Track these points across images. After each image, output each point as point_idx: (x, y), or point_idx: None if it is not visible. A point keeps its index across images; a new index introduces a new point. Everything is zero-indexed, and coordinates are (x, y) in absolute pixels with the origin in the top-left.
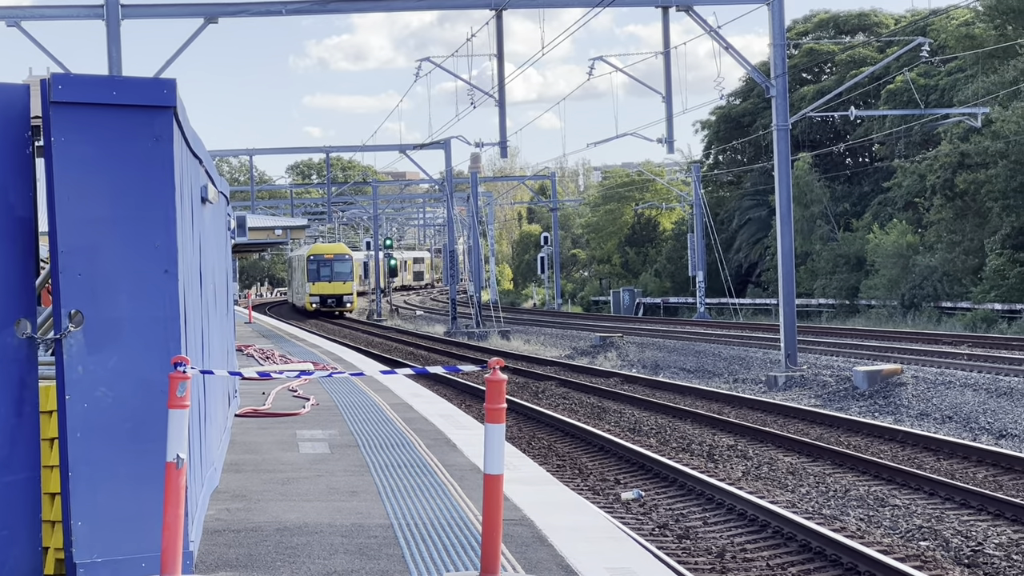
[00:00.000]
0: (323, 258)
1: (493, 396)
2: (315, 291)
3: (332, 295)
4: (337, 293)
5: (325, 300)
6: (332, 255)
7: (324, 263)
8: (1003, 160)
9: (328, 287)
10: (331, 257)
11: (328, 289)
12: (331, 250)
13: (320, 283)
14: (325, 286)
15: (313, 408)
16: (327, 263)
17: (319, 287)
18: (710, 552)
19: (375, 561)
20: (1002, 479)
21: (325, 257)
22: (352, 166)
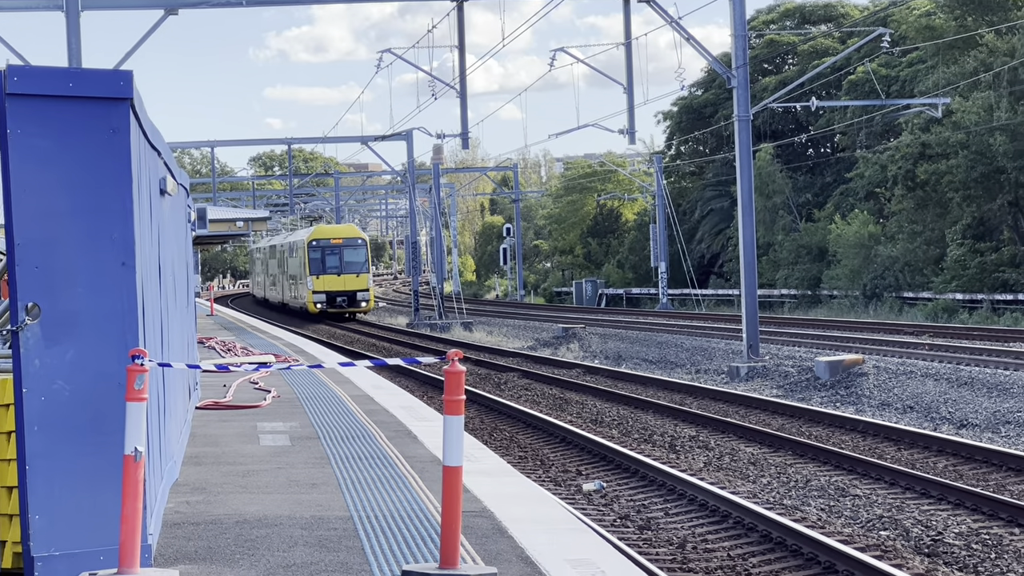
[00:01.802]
0: (330, 244)
1: (452, 388)
2: (320, 287)
3: (343, 292)
4: (349, 289)
5: (333, 299)
6: (341, 239)
7: (331, 250)
8: (963, 151)
9: (337, 282)
10: (340, 242)
11: (337, 284)
12: (340, 233)
13: (327, 277)
14: (333, 280)
15: (274, 400)
16: (335, 250)
17: (325, 282)
18: (671, 543)
19: (334, 553)
20: (962, 469)
21: (332, 243)
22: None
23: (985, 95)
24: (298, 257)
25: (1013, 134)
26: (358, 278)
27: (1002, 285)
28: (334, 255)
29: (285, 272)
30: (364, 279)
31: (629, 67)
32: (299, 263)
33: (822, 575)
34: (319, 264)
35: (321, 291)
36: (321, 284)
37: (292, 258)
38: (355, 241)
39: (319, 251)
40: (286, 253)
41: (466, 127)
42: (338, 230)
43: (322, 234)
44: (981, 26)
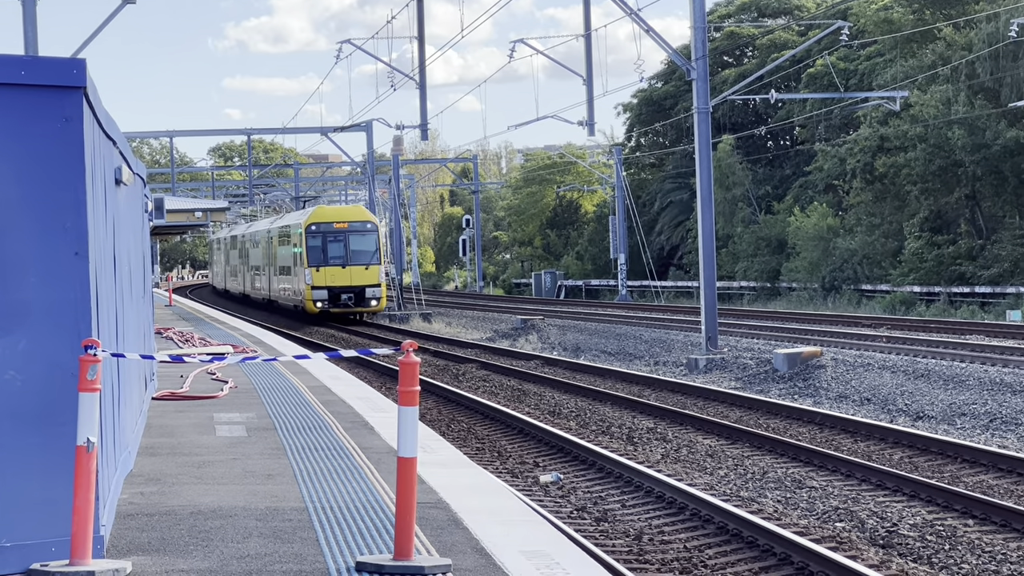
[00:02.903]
0: (332, 229)
1: (407, 379)
2: (321, 281)
3: (348, 288)
4: (356, 284)
5: (337, 296)
6: (346, 223)
7: (334, 236)
8: (921, 144)
9: (342, 275)
10: (344, 227)
11: (342, 278)
12: (344, 215)
13: (329, 269)
14: (337, 273)
15: (231, 391)
16: (339, 236)
17: (327, 275)
18: (628, 534)
19: (289, 544)
20: (918, 460)
21: (336, 227)
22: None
23: (943, 89)
24: (292, 245)
25: (971, 128)
26: (367, 271)
27: (959, 278)
28: (338, 242)
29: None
30: (375, 272)
31: (588, 59)
32: (293, 252)
33: (777, 567)
34: (319, 253)
35: (322, 286)
36: (322, 278)
37: (283, 246)
38: (363, 225)
39: (319, 237)
40: (272, 241)
41: (425, 118)
42: (342, 212)
43: (323, 217)
44: (939, 20)
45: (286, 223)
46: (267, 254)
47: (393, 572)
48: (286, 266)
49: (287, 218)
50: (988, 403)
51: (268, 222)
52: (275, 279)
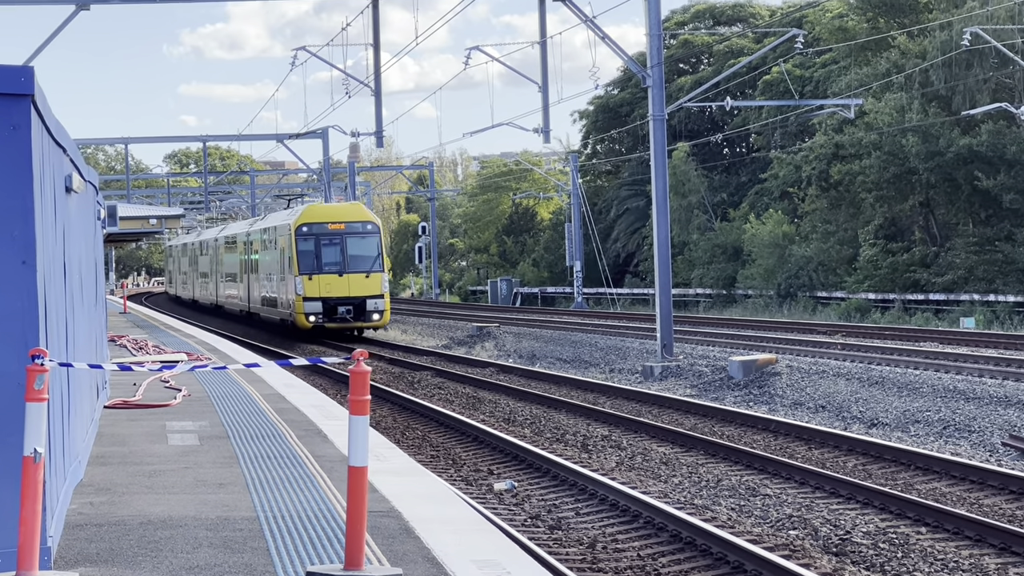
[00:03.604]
0: (327, 230)
1: (357, 387)
2: (314, 292)
3: (347, 299)
4: (356, 295)
5: (334, 309)
6: (343, 224)
7: (329, 239)
8: (876, 151)
9: (339, 284)
10: (341, 228)
11: (339, 288)
12: (340, 215)
13: (324, 277)
14: (333, 282)
15: (185, 399)
16: (335, 239)
17: (321, 284)
18: (581, 543)
19: (239, 555)
20: (871, 468)
21: (331, 228)
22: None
23: (897, 96)
24: (279, 249)
25: (924, 135)
26: (368, 279)
27: (913, 285)
28: (333, 246)
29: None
30: (376, 280)
31: (544, 66)
32: (279, 257)
33: (731, 574)
34: (312, 259)
35: (316, 297)
36: (315, 287)
37: (267, 251)
38: (363, 226)
39: (311, 240)
40: (252, 244)
41: (380, 125)
42: (338, 210)
43: (315, 216)
44: (893, 28)
45: (270, 224)
46: (246, 260)
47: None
48: (271, 274)
49: (271, 219)
50: (941, 410)
51: (247, 224)
52: (256, 288)
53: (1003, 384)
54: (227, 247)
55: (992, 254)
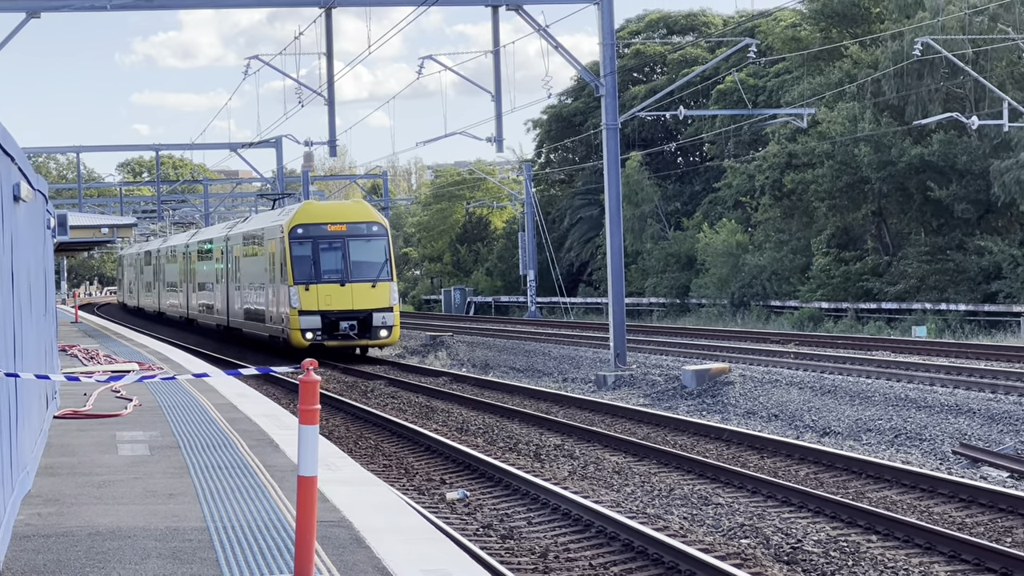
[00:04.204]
0: (326, 232)
1: (307, 397)
2: (312, 304)
3: (350, 313)
4: (361, 308)
5: (335, 324)
6: (344, 225)
7: (329, 243)
8: (829, 160)
9: (340, 295)
10: (342, 229)
11: (341, 299)
12: (341, 215)
13: (323, 287)
14: (333, 293)
15: (136, 409)
16: (335, 242)
17: (321, 295)
18: (533, 552)
19: (188, 565)
20: (823, 476)
21: (330, 230)
22: (183, 164)
23: (850, 106)
24: (268, 255)
25: (877, 145)
26: (375, 289)
27: (866, 294)
28: (334, 250)
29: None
30: (384, 291)
31: (497, 75)
32: (267, 264)
33: None
34: (309, 265)
35: (313, 311)
36: (313, 299)
37: (251, 257)
38: (367, 227)
39: (308, 244)
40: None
41: (334, 134)
42: (339, 209)
43: (313, 216)
44: (845, 38)
45: (256, 227)
46: (224, 268)
47: None
48: (257, 283)
49: (257, 220)
50: (893, 419)
51: (224, 227)
52: (237, 300)
53: (954, 393)
54: (200, 253)
55: (944, 263)
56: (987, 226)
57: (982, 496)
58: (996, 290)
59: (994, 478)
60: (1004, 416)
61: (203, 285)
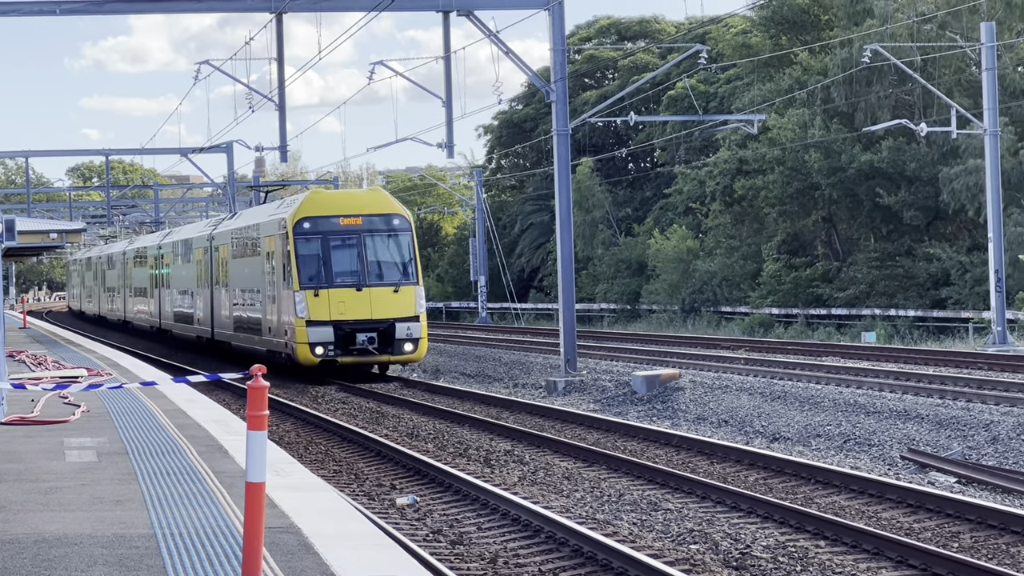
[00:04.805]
0: (338, 227)
1: (255, 403)
2: (322, 313)
3: (368, 323)
4: (381, 317)
5: (350, 337)
6: (360, 218)
7: (343, 239)
8: (779, 167)
9: (356, 302)
10: (358, 223)
11: (357, 307)
12: (358, 205)
13: (336, 291)
14: (348, 300)
15: (84, 415)
16: (350, 239)
17: (333, 301)
18: (483, 557)
19: (135, 572)
20: (772, 482)
21: (344, 224)
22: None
23: (800, 113)
24: (262, 254)
25: (826, 151)
26: (398, 295)
27: (816, 300)
28: (348, 248)
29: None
30: (409, 297)
31: (448, 81)
32: (263, 266)
33: None
34: (318, 267)
35: (324, 321)
36: (323, 307)
37: (243, 259)
38: (387, 220)
39: (317, 241)
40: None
41: (285, 139)
42: (353, 200)
43: (322, 207)
44: (795, 45)
45: (250, 222)
46: (206, 271)
47: None
48: (252, 289)
49: (250, 215)
50: (842, 424)
51: (205, 225)
52: (223, 308)
53: (903, 398)
54: (177, 255)
55: (893, 269)
56: (936, 233)
57: (929, 501)
58: (944, 296)
59: (942, 483)
60: (952, 422)
61: (181, 291)
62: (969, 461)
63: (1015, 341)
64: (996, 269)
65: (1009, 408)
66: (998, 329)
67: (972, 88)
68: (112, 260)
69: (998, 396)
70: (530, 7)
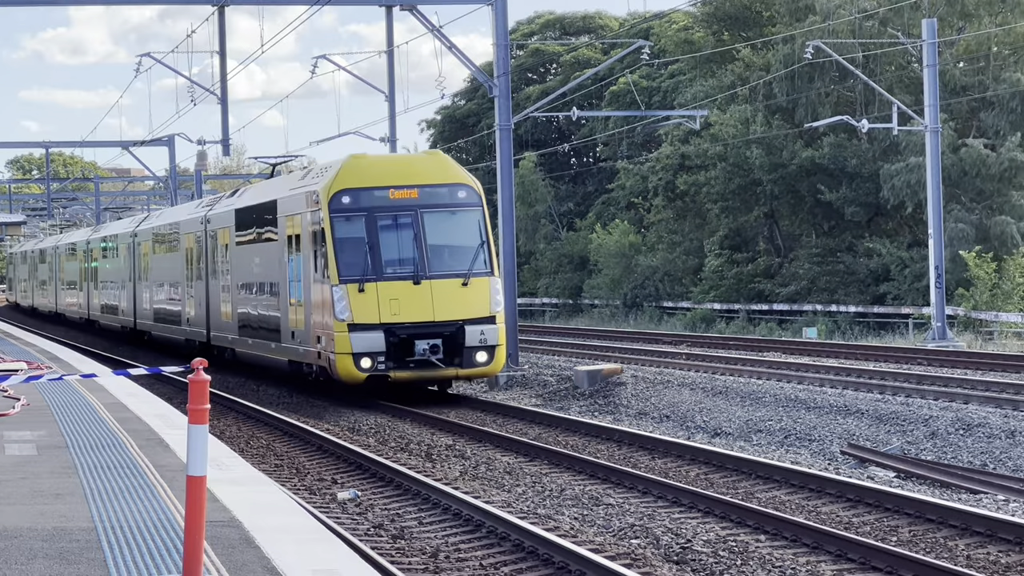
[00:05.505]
0: (387, 200)
1: (196, 397)
2: (369, 314)
3: (429, 327)
4: (448, 319)
5: (407, 345)
6: (416, 189)
7: (394, 217)
8: (721, 163)
9: (413, 299)
10: (413, 196)
11: (414, 305)
12: (411, 173)
13: (385, 286)
14: (404, 295)
15: (24, 408)
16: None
17: (382, 299)
18: (424, 552)
19: (75, 566)
20: (713, 477)
21: (394, 197)
22: (74, 162)
23: (742, 108)
24: (281, 240)
25: (768, 147)
26: (467, 289)
27: (758, 295)
28: (401, 228)
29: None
30: (482, 291)
31: (391, 75)
32: (284, 254)
33: None
34: (362, 253)
35: (372, 324)
36: (370, 306)
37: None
38: (452, 192)
39: (361, 220)
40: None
41: (227, 133)
42: (405, 167)
43: (366, 176)
44: (737, 41)
45: (260, 199)
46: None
47: None
48: (266, 284)
49: (258, 190)
50: (783, 419)
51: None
52: (225, 305)
53: (843, 393)
54: (159, 243)
55: (834, 265)
56: (876, 228)
57: (869, 496)
58: (884, 292)
59: (881, 478)
60: (891, 417)
61: (166, 285)
62: (908, 456)
63: (954, 337)
64: (936, 265)
65: (948, 404)
66: (937, 325)
67: (913, 85)
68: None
69: (937, 391)
70: (473, 2)
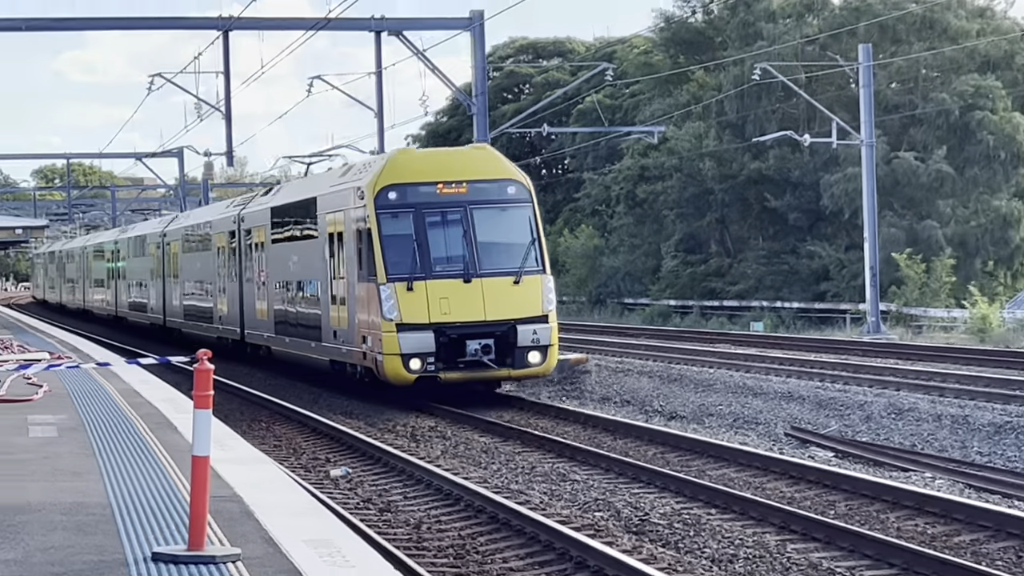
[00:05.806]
0: (434, 196)
1: (201, 384)
2: (418, 314)
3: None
4: (499, 319)
5: (459, 345)
6: (465, 185)
7: (443, 213)
8: (677, 174)
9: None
10: (462, 192)
11: (464, 304)
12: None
13: (435, 285)
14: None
15: (46, 394)
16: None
17: (431, 299)
18: (408, 523)
19: (91, 537)
20: (669, 456)
21: (442, 193)
22: (92, 172)
23: (696, 125)
24: (323, 236)
25: (720, 160)
26: (519, 287)
27: (709, 293)
28: (450, 224)
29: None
30: (534, 290)
31: (379, 94)
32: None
33: (542, 552)
34: (410, 251)
35: (422, 324)
36: (418, 306)
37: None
38: (501, 188)
39: (408, 216)
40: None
41: (231, 146)
42: (453, 162)
43: (412, 171)
44: (692, 64)
45: (299, 196)
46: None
47: (186, 561)
48: (304, 281)
49: (296, 187)
50: (733, 405)
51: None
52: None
53: (787, 381)
54: (190, 243)
55: (779, 265)
56: (817, 233)
57: (809, 474)
58: (825, 290)
59: (821, 457)
60: (830, 402)
61: (196, 283)
62: (845, 438)
63: (887, 330)
64: (871, 265)
65: (882, 391)
66: (872, 320)
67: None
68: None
69: (872, 379)
70: (454, 28)
